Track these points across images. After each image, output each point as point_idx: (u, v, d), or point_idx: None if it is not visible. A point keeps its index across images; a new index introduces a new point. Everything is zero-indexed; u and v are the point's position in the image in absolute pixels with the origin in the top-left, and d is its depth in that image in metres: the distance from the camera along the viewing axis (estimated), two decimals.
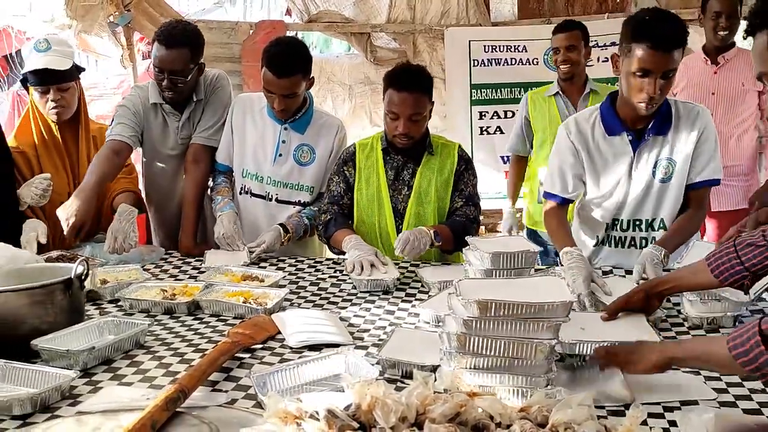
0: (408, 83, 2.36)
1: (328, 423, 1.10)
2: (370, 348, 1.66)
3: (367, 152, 2.55)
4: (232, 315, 1.93)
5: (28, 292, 1.61)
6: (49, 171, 2.62)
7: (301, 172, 2.70)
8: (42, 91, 2.58)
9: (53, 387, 1.34)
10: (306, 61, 2.55)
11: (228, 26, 5.15)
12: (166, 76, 2.60)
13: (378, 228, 2.52)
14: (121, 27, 5.27)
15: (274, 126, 2.69)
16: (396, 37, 5.01)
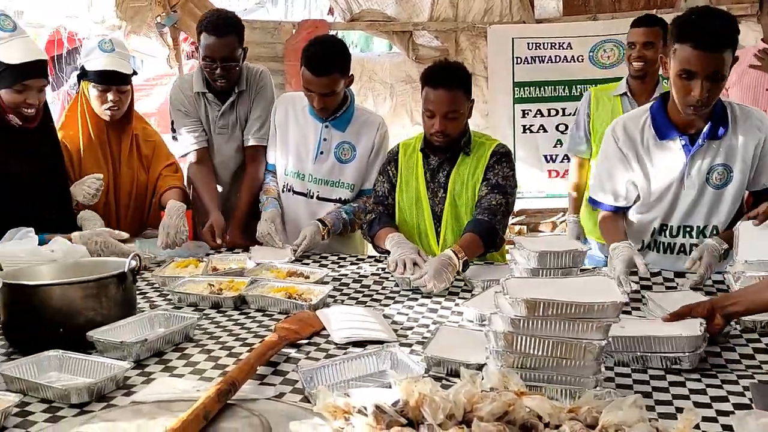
0: (444, 80, 2.35)
1: (376, 418, 1.11)
2: (414, 346, 1.66)
3: (408, 153, 2.56)
4: (277, 310, 1.96)
5: (84, 284, 1.66)
6: (91, 166, 2.69)
7: (341, 170, 2.74)
8: (102, 90, 2.62)
9: (109, 377, 1.38)
10: (344, 59, 2.58)
11: (271, 26, 5.21)
12: (219, 64, 2.70)
13: (418, 229, 2.52)
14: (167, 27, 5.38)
15: (315, 124, 2.73)
16: (438, 35, 5.00)
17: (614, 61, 4.65)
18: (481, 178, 2.44)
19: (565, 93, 4.72)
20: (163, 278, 2.20)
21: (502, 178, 2.43)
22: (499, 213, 2.38)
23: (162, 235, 2.53)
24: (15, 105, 2.26)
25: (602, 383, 1.33)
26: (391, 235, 2.41)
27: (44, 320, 1.61)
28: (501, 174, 2.43)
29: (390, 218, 2.55)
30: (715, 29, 1.91)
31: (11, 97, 2.25)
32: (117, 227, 2.68)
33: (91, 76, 2.62)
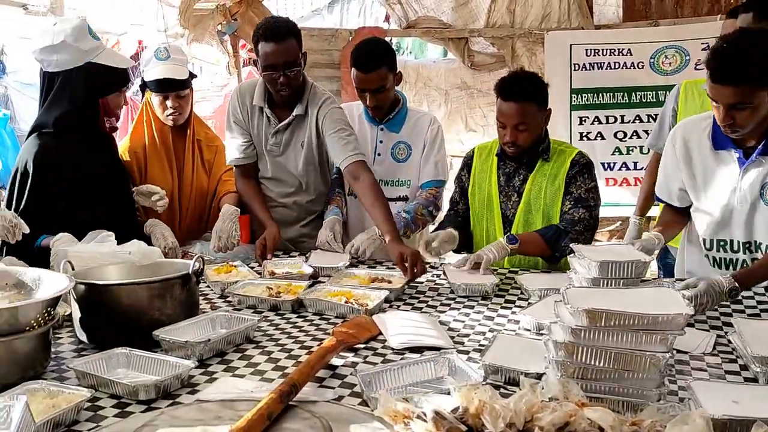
0: (514, 92, 2.37)
1: (435, 424, 1.12)
2: (471, 353, 1.66)
3: (484, 156, 2.62)
4: (334, 314, 1.99)
5: (151, 285, 1.72)
6: (155, 171, 2.78)
7: (399, 169, 2.83)
8: (162, 98, 2.71)
9: (174, 375, 1.43)
10: (389, 54, 2.68)
11: (328, 33, 5.28)
12: (281, 71, 2.57)
13: (487, 233, 2.56)
14: (227, 35, 5.52)
15: (371, 128, 2.85)
16: (494, 42, 4.99)
17: (676, 68, 4.54)
18: (560, 187, 2.45)
19: (624, 100, 4.64)
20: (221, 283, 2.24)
21: (585, 191, 2.44)
22: (580, 225, 2.39)
23: (214, 239, 2.59)
24: (118, 107, 2.44)
25: (666, 397, 1.30)
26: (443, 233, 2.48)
27: (113, 318, 1.67)
28: (584, 186, 2.45)
29: (455, 219, 2.61)
30: (733, 64, 1.88)
31: (117, 100, 2.42)
32: (179, 231, 2.78)
33: (150, 85, 2.72)
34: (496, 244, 2.32)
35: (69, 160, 2.35)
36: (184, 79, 2.72)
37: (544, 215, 2.46)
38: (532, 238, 2.39)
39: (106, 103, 2.39)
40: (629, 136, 4.66)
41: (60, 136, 2.35)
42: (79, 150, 2.38)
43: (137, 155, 2.76)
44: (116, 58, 2.41)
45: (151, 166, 2.78)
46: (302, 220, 2.89)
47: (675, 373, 1.52)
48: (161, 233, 2.53)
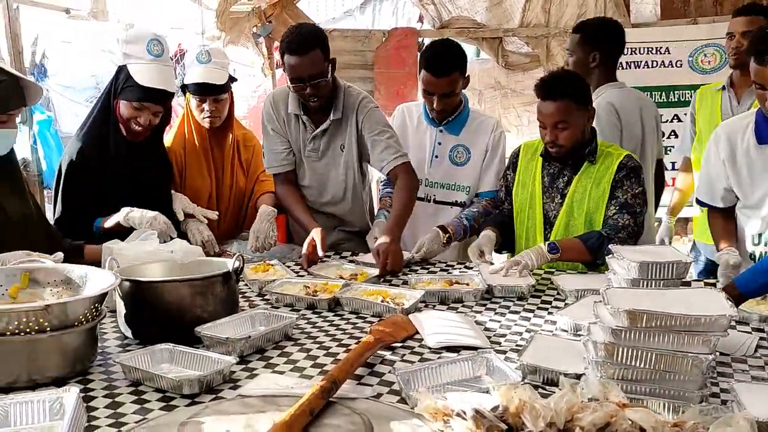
0: (552, 92, 2.34)
1: (475, 422, 1.13)
2: (508, 353, 1.66)
3: (529, 155, 2.58)
4: (370, 313, 2.00)
5: (193, 282, 1.76)
6: (194, 172, 2.81)
7: (457, 173, 2.79)
8: (199, 101, 2.74)
9: (216, 371, 1.46)
10: (462, 59, 2.64)
11: (362, 34, 5.31)
12: (307, 83, 2.51)
13: (527, 233, 2.53)
14: (262, 37, 5.58)
15: (430, 129, 2.81)
16: (529, 41, 4.96)
17: (716, 66, 4.47)
18: (605, 191, 2.40)
19: (663, 99, 4.57)
20: (258, 282, 2.27)
21: (631, 197, 2.37)
22: (624, 233, 2.33)
23: (252, 239, 2.62)
24: (127, 117, 2.43)
25: (708, 399, 1.29)
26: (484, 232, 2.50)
27: (156, 314, 1.71)
28: (630, 192, 2.37)
29: (500, 220, 2.60)
30: None
31: (127, 110, 2.42)
32: (217, 231, 2.81)
33: (189, 87, 2.75)
34: (535, 251, 2.27)
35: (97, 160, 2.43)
36: (223, 84, 2.73)
37: (587, 219, 2.41)
38: (573, 244, 2.33)
39: (117, 105, 2.43)
40: (667, 136, 4.58)
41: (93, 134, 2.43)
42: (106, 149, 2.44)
43: (176, 156, 2.80)
44: (144, 74, 2.37)
45: (189, 167, 2.81)
46: (343, 223, 2.89)
47: (717, 375, 1.50)
48: (197, 228, 2.58)
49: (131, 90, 2.39)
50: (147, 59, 2.40)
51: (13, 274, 1.67)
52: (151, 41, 2.41)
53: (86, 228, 2.41)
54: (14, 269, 1.69)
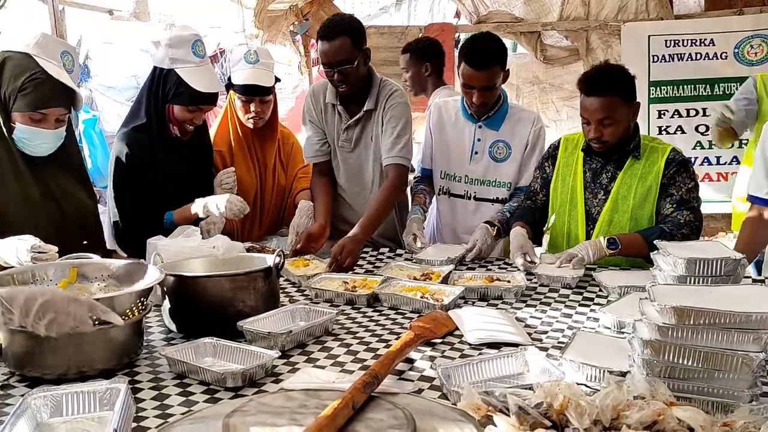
0: (596, 87, 2.29)
1: (519, 419, 1.12)
2: (550, 350, 1.64)
3: (570, 149, 2.54)
4: (409, 309, 2.00)
5: (236, 277, 1.78)
6: (241, 170, 2.84)
7: (497, 169, 2.75)
8: (246, 101, 2.75)
9: (259, 364, 1.47)
10: (502, 52, 2.61)
11: (398, 30, 5.31)
12: (335, 69, 2.60)
13: (567, 230, 2.49)
14: (299, 35, 5.62)
15: (469, 125, 2.78)
16: (568, 35, 4.89)
17: (763, 57, 4.35)
18: (651, 187, 2.35)
19: (707, 92, 4.47)
20: (298, 277, 2.29)
21: (686, 192, 2.32)
22: (687, 229, 2.28)
23: (291, 234, 2.65)
24: (183, 121, 2.48)
25: (758, 398, 1.25)
26: (513, 229, 2.46)
27: (200, 309, 1.74)
28: (684, 187, 2.33)
29: (529, 213, 2.56)
30: None
31: (183, 114, 2.48)
32: (258, 228, 2.86)
33: (236, 87, 2.76)
34: (593, 244, 2.24)
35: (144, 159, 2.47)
36: (269, 86, 2.76)
37: (632, 216, 2.37)
38: (634, 241, 2.27)
39: (171, 110, 2.48)
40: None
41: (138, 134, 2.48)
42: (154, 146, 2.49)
43: (222, 154, 2.83)
44: (197, 79, 2.43)
45: (236, 165, 2.83)
46: None
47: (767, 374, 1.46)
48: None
49: (186, 95, 2.44)
50: (195, 62, 2.45)
51: (62, 269, 1.72)
52: (194, 43, 2.45)
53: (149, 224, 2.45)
54: (63, 264, 1.74)
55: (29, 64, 1.95)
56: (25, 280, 1.66)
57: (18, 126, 1.95)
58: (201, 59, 2.47)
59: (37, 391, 1.19)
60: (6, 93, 1.94)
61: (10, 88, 1.93)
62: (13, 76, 1.93)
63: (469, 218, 2.72)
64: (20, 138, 1.96)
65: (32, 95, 1.93)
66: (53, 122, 1.98)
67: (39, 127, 1.96)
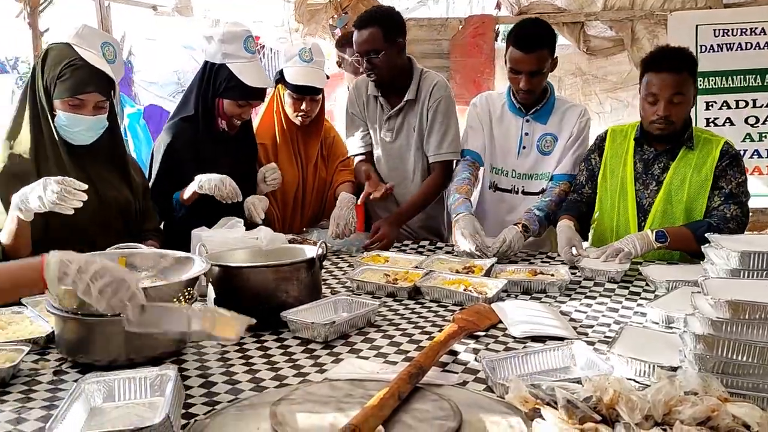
0: (669, 64, 2.25)
1: (567, 412, 1.10)
2: (596, 344, 1.62)
3: (618, 140, 2.49)
4: (451, 302, 1.99)
5: (280, 268, 1.79)
6: (284, 164, 2.85)
7: (544, 162, 2.72)
8: (296, 99, 2.76)
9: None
10: (552, 37, 2.57)
11: (438, 23, 5.26)
12: (365, 57, 2.67)
13: (616, 222, 2.44)
14: (338, 29, 5.62)
15: (516, 119, 2.73)
16: (612, 25, 4.79)
17: None
18: (706, 178, 2.30)
19: (757, 83, 4.33)
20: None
21: (736, 186, 2.29)
22: (733, 223, 2.24)
23: (332, 225, 2.66)
24: (231, 115, 2.51)
25: None
26: (561, 222, 2.42)
27: (244, 299, 1.75)
28: (734, 181, 2.29)
29: (576, 206, 2.52)
30: None
31: (232, 108, 2.51)
32: (300, 220, 2.88)
33: (289, 86, 2.75)
34: (641, 237, 2.20)
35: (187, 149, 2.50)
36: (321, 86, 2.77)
37: (686, 207, 2.32)
38: (681, 234, 2.23)
39: (220, 104, 2.50)
40: (762, 121, 4.35)
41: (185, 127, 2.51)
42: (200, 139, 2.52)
43: (266, 147, 2.85)
44: (248, 74, 2.45)
45: (281, 159, 2.85)
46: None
47: None
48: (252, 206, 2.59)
49: (237, 90, 2.47)
50: (246, 57, 2.47)
51: (111, 259, 1.75)
52: (246, 39, 2.48)
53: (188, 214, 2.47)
54: (112, 254, 1.77)
55: (68, 53, 2.00)
56: None
57: (59, 113, 1.99)
58: (252, 55, 2.50)
59: (90, 377, 1.22)
60: (47, 81, 1.99)
61: (50, 75, 1.98)
62: (53, 64, 1.99)
63: (516, 213, 2.68)
64: (61, 125, 2.01)
65: (69, 81, 1.97)
66: (91, 109, 2.02)
67: (78, 114, 2.00)
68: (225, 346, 1.65)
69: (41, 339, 1.62)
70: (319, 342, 1.65)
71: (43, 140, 2.01)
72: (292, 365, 1.52)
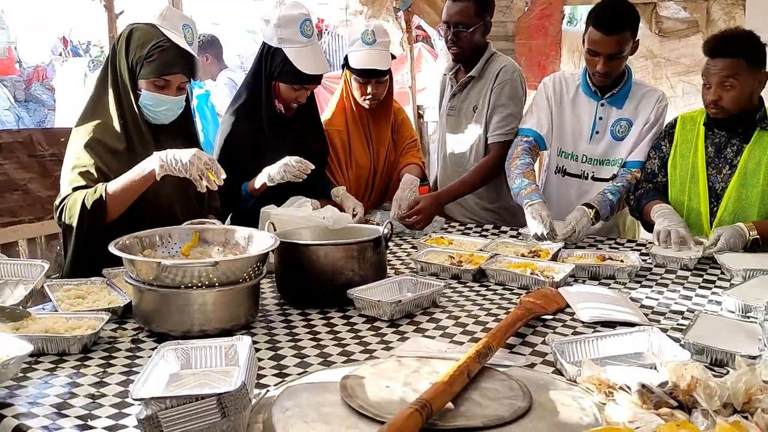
0: (720, 47, 2.20)
1: (641, 397, 1.08)
2: (669, 331, 1.57)
3: (688, 126, 2.41)
4: (517, 285, 1.97)
5: (348, 246, 1.81)
6: (357, 149, 2.87)
7: (617, 147, 2.63)
8: (362, 83, 2.75)
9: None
10: (635, 18, 2.47)
11: (503, 5, 5.17)
12: (451, 30, 2.71)
13: (687, 208, 2.36)
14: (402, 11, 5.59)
15: (590, 103, 2.64)
16: (686, 6, 4.60)
17: None
18: None
19: None
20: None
21: None
22: None
23: (395, 206, 2.66)
24: (287, 99, 2.53)
25: None
26: (658, 205, 2.34)
27: (311, 276, 1.78)
28: None
29: (659, 194, 2.44)
30: None
31: (288, 92, 2.52)
32: (367, 202, 2.89)
33: (353, 70, 2.74)
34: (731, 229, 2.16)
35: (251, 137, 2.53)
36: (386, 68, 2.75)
37: (763, 190, 2.23)
38: None
39: (277, 87, 2.52)
40: None
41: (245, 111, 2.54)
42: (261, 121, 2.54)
43: (340, 133, 2.85)
44: (303, 60, 2.45)
45: (354, 143, 2.86)
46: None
47: None
48: (353, 205, 2.63)
49: (292, 74, 2.46)
50: (302, 42, 2.45)
51: (186, 234, 1.81)
52: (303, 23, 2.46)
53: None
54: (186, 229, 1.82)
55: (155, 33, 2.05)
56: (152, 243, 1.76)
57: (143, 93, 2.05)
58: (308, 39, 2.48)
59: (169, 344, 1.26)
60: (133, 61, 2.04)
61: (137, 55, 2.03)
62: (140, 44, 2.03)
63: (584, 198, 2.59)
64: (145, 104, 2.06)
65: (157, 62, 2.02)
66: (175, 89, 2.07)
67: (162, 94, 2.05)
68: (293, 321, 1.69)
69: (119, 309, 1.68)
70: (385, 320, 1.66)
71: (127, 118, 2.07)
72: (358, 342, 1.54)
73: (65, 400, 1.25)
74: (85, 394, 1.28)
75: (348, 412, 1.10)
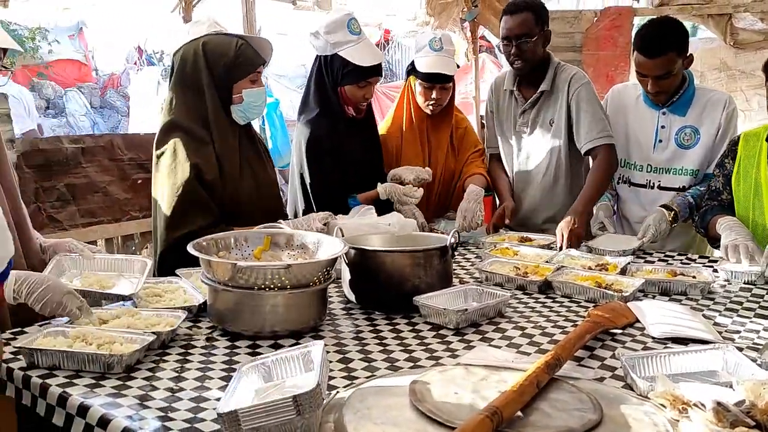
0: None
1: (717, 415, 1.06)
2: (745, 350, 1.53)
3: (752, 142, 2.35)
4: (584, 298, 1.95)
5: (414, 254, 1.83)
6: (409, 154, 2.90)
7: (683, 156, 2.60)
8: (427, 88, 2.81)
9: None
10: (679, 37, 2.45)
11: (571, 15, 5.13)
12: (513, 43, 2.66)
13: (752, 223, 2.29)
14: (467, 22, 5.61)
15: (651, 112, 2.64)
16: (763, 17, 4.46)
17: None
18: None
19: None
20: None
21: None
22: None
23: (459, 217, 2.67)
24: (356, 99, 2.58)
25: None
26: (723, 218, 2.29)
27: (379, 282, 1.81)
28: None
29: (724, 210, 2.38)
30: None
31: (355, 92, 2.58)
32: (426, 210, 2.90)
33: (419, 74, 2.80)
34: None
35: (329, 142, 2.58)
36: (451, 74, 2.80)
37: None
38: None
39: (343, 92, 2.57)
40: None
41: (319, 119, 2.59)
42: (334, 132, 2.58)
43: (394, 137, 2.91)
44: (359, 55, 2.52)
45: (405, 149, 2.90)
46: (550, 200, 2.84)
47: None
48: (412, 213, 2.66)
49: (354, 73, 2.53)
50: (353, 39, 2.53)
51: (258, 237, 1.87)
52: (349, 22, 2.54)
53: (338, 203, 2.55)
54: (259, 233, 1.88)
55: (227, 38, 2.17)
56: (227, 245, 1.82)
57: (246, 93, 2.17)
58: (358, 36, 2.55)
59: (249, 362, 1.30)
60: (220, 72, 2.14)
61: (223, 63, 2.14)
62: (220, 53, 2.14)
63: (648, 208, 2.57)
64: (249, 103, 2.18)
65: (246, 60, 2.17)
66: (260, 80, 2.22)
67: (257, 87, 2.20)
68: (359, 325, 1.72)
69: (194, 308, 1.75)
70: (450, 328, 1.67)
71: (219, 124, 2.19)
72: (424, 348, 1.56)
73: (147, 392, 1.32)
74: (165, 387, 1.34)
75: (417, 416, 1.12)
